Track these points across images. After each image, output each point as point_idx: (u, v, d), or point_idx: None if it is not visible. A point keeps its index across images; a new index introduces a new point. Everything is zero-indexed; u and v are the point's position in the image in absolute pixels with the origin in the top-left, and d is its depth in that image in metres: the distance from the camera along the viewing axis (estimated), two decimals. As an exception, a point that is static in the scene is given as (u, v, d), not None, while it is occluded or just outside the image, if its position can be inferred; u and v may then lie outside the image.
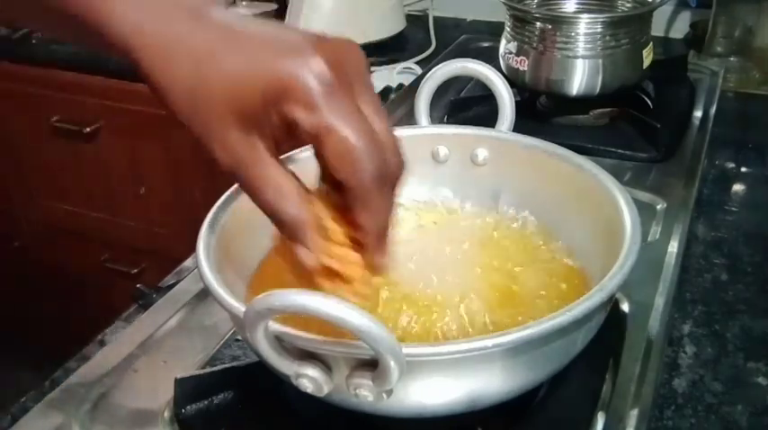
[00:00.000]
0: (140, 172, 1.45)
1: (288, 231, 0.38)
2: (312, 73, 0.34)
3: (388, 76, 1.17)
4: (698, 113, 0.95)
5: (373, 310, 0.47)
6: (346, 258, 0.38)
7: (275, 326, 0.37)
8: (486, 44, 1.23)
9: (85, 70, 1.40)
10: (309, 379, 0.38)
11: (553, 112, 0.94)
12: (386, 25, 1.32)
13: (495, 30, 1.03)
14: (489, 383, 0.41)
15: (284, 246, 0.39)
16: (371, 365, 0.36)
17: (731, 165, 0.88)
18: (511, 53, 0.92)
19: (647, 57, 0.90)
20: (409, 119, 0.60)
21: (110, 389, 0.54)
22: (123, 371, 0.56)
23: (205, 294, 0.62)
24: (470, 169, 0.61)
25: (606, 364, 0.53)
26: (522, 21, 0.90)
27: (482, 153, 0.61)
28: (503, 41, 0.94)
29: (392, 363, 0.35)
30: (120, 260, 1.58)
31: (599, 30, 0.85)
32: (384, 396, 0.38)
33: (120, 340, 0.59)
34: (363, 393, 0.38)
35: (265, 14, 1.47)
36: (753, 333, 0.59)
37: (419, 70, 1.19)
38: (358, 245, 0.38)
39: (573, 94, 0.89)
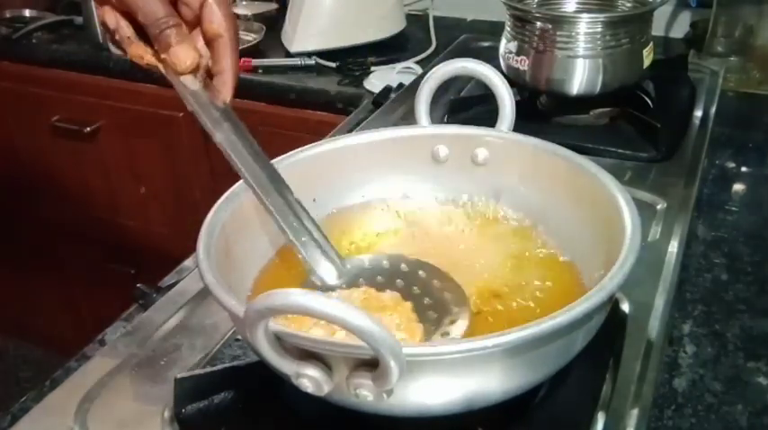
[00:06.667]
0: (140, 172, 1.45)
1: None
2: None
3: (388, 75, 1.17)
4: (698, 113, 0.95)
5: None
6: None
7: (275, 325, 0.37)
8: (486, 44, 1.23)
9: (85, 70, 1.40)
10: (309, 379, 0.38)
11: (553, 112, 0.94)
12: (386, 25, 1.32)
13: (495, 29, 1.03)
14: (489, 383, 0.41)
15: None
16: (371, 365, 0.36)
17: (731, 165, 0.88)
18: (511, 53, 0.92)
19: (648, 56, 0.90)
20: (409, 119, 0.60)
21: (110, 389, 0.54)
22: (123, 371, 0.56)
23: (205, 294, 0.62)
24: (470, 169, 0.61)
25: (606, 364, 0.53)
26: (522, 20, 0.90)
27: (482, 153, 0.61)
28: (503, 41, 0.94)
29: (392, 363, 0.35)
30: (120, 260, 1.58)
31: (599, 29, 0.85)
32: (384, 396, 0.38)
33: (120, 340, 0.59)
34: (363, 393, 0.38)
35: (265, 14, 1.47)
36: (753, 333, 0.59)
37: (419, 70, 1.19)
38: None
39: (573, 93, 0.89)
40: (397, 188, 0.62)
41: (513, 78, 0.91)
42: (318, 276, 0.51)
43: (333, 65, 1.25)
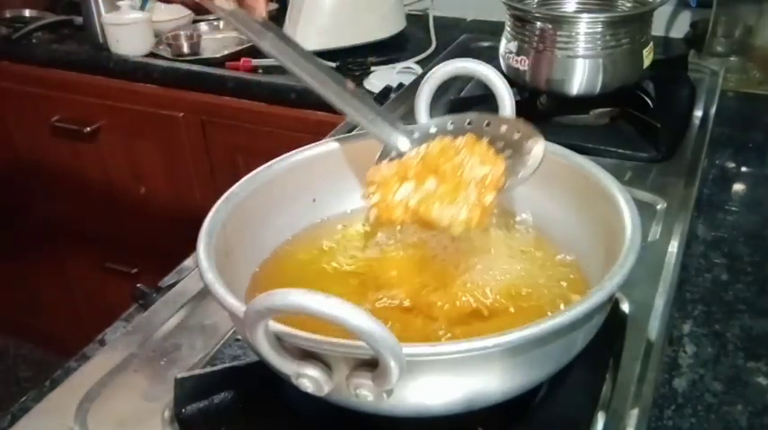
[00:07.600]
0: (140, 172, 1.45)
1: None
2: None
3: (388, 75, 1.17)
4: (698, 113, 0.95)
5: None
6: None
7: (275, 325, 0.37)
8: (486, 44, 1.23)
9: (85, 70, 1.40)
10: (309, 378, 0.38)
11: (553, 112, 0.94)
12: (386, 25, 1.32)
13: (495, 29, 1.03)
14: (489, 383, 0.41)
15: None
16: (371, 365, 0.36)
17: (731, 165, 0.88)
18: (511, 53, 0.92)
19: (648, 56, 0.90)
20: (409, 119, 0.59)
21: (110, 389, 0.54)
22: (123, 371, 0.56)
23: (205, 294, 0.62)
24: (470, 169, 0.61)
25: (606, 364, 0.53)
26: (522, 20, 0.90)
27: (482, 153, 0.60)
28: (503, 41, 0.94)
29: (392, 363, 0.35)
30: (120, 260, 1.58)
31: (599, 29, 0.85)
32: (384, 396, 0.38)
33: (120, 340, 0.59)
34: (363, 393, 0.38)
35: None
36: (753, 333, 0.59)
37: (419, 70, 1.19)
38: None
39: (573, 93, 0.89)
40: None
41: (513, 78, 0.91)
42: (392, 146, 0.56)
43: (333, 65, 1.25)
